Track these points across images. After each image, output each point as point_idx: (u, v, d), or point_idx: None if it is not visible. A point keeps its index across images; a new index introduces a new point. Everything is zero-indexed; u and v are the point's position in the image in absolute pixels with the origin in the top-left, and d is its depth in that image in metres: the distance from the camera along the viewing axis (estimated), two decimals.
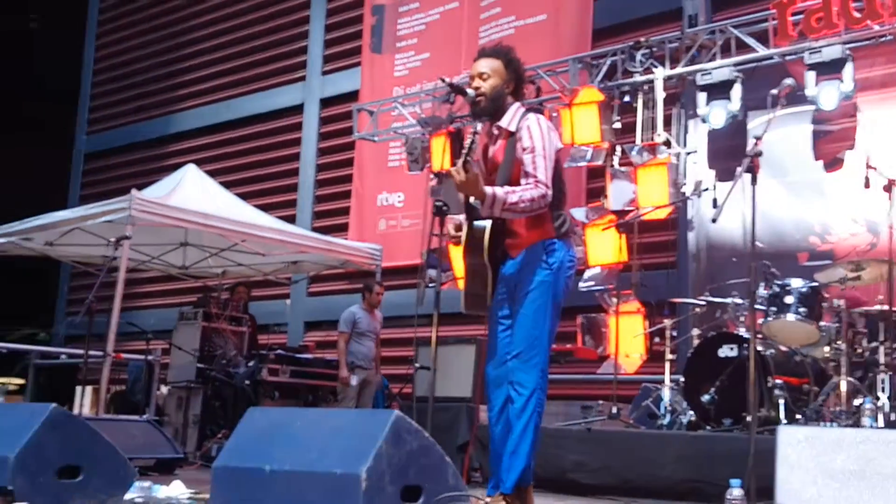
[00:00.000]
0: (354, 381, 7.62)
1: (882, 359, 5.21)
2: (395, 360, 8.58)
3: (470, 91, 3.66)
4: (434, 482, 3.02)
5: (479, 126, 3.60)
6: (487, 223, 3.57)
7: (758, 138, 3.09)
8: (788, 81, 3.45)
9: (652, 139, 7.33)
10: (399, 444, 2.92)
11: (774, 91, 3.47)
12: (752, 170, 3.06)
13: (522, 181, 3.51)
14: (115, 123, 15.64)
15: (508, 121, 3.64)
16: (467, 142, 3.44)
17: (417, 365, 6.24)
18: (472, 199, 3.58)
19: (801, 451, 2.28)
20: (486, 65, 3.67)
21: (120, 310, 7.09)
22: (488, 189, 3.44)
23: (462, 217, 3.67)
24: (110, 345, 6.87)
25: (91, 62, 16.39)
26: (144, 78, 15.24)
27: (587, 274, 7.74)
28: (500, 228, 3.61)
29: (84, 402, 8.34)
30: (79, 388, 7.93)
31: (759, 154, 3.07)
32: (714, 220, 3.10)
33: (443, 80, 3.90)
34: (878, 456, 2.19)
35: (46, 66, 18.21)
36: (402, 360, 8.62)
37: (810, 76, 6.43)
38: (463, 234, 3.63)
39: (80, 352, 7.66)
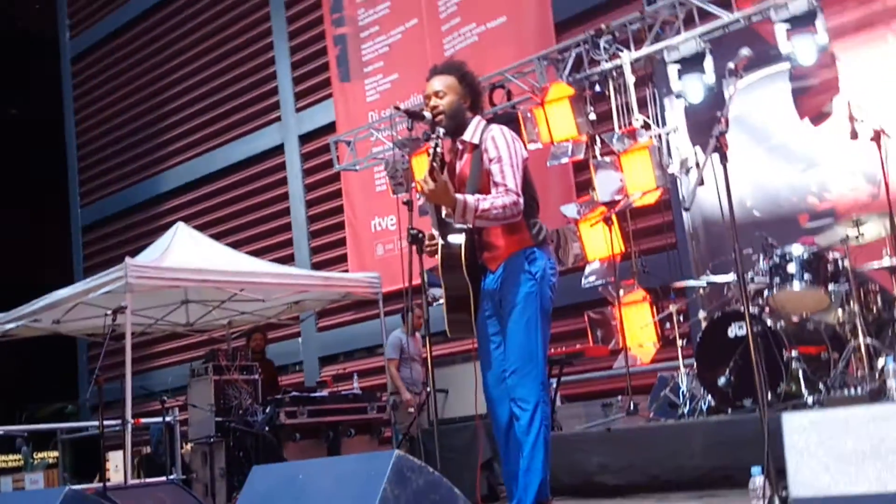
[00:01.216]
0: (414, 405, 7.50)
1: None
2: None
3: (427, 113, 3.59)
4: None
5: (441, 131, 3.49)
6: (462, 237, 3.48)
7: (722, 116, 2.98)
8: (744, 52, 3.33)
9: (629, 124, 7.23)
10: (403, 483, 2.85)
11: (731, 65, 3.36)
12: (720, 149, 2.94)
13: (493, 191, 3.44)
14: (106, 192, 15.80)
15: (471, 134, 3.58)
16: (430, 149, 3.35)
17: (428, 389, 6.16)
18: (443, 214, 3.49)
19: (808, 437, 2.17)
20: (439, 83, 3.60)
21: (133, 374, 7.14)
22: (459, 196, 3.36)
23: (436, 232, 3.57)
24: (128, 411, 6.93)
25: (73, 138, 16.65)
26: (126, 144, 15.43)
27: (588, 269, 7.65)
28: (476, 243, 3.52)
29: (118, 467, 8.39)
30: (110, 455, 7.94)
31: (724, 133, 2.95)
32: (687, 209, 2.98)
33: (397, 108, 3.81)
34: (890, 433, 2.08)
35: (35, 150, 18.59)
36: None
37: (781, 33, 6.22)
38: (438, 253, 3.52)
39: (105, 422, 7.83)
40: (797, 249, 5.19)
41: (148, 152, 14.88)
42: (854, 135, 5.27)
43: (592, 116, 7.43)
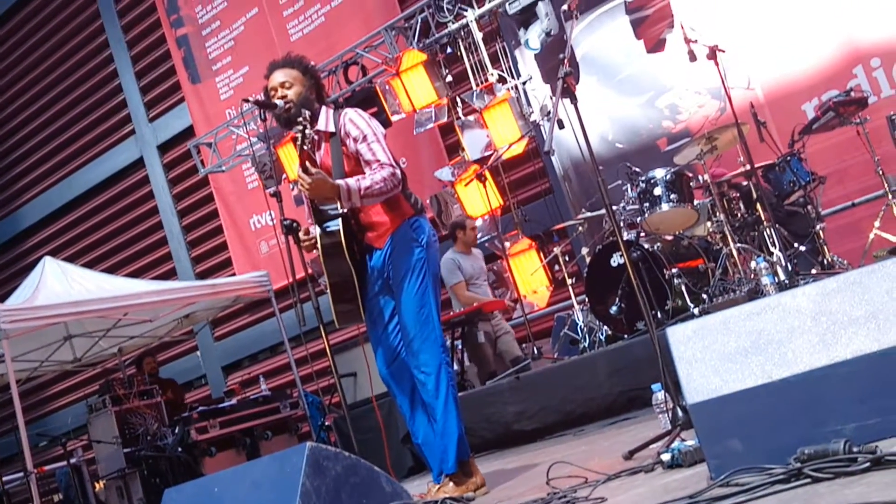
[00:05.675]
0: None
1: (762, 215, 5.35)
2: (319, 373, 8.42)
3: (278, 102, 3.52)
4: (370, 496, 2.96)
5: (308, 113, 3.41)
6: (339, 223, 3.45)
7: (564, 58, 3.05)
8: None
9: (486, 80, 7.32)
10: (322, 473, 2.83)
11: (565, 6, 3.44)
12: (568, 91, 3.01)
13: (366, 170, 3.42)
14: None
15: (325, 123, 3.55)
16: (298, 137, 3.30)
17: (333, 377, 6.11)
18: (316, 202, 3.46)
19: (693, 346, 2.27)
20: (284, 74, 3.56)
21: (28, 422, 6.82)
22: (340, 182, 3.33)
23: (312, 227, 3.52)
24: (28, 462, 6.63)
25: None
26: None
27: None
28: (356, 226, 3.50)
29: None
30: None
31: (569, 74, 3.02)
32: (547, 152, 3.04)
33: (247, 101, 3.71)
34: (765, 326, 2.19)
35: None
36: (323, 372, 8.48)
37: None
38: (318, 242, 3.47)
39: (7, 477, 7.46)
40: (660, 173, 5.40)
41: (0, 190, 14.06)
42: (692, 56, 5.48)
43: (449, 79, 7.50)
